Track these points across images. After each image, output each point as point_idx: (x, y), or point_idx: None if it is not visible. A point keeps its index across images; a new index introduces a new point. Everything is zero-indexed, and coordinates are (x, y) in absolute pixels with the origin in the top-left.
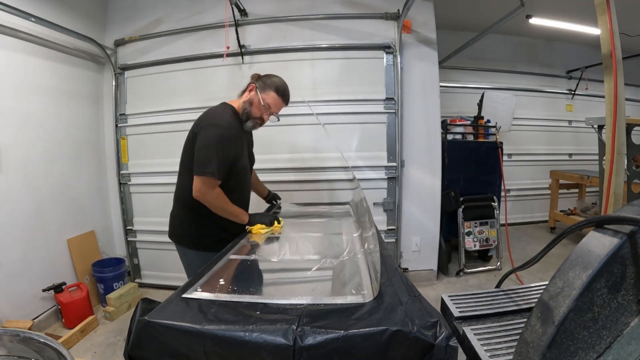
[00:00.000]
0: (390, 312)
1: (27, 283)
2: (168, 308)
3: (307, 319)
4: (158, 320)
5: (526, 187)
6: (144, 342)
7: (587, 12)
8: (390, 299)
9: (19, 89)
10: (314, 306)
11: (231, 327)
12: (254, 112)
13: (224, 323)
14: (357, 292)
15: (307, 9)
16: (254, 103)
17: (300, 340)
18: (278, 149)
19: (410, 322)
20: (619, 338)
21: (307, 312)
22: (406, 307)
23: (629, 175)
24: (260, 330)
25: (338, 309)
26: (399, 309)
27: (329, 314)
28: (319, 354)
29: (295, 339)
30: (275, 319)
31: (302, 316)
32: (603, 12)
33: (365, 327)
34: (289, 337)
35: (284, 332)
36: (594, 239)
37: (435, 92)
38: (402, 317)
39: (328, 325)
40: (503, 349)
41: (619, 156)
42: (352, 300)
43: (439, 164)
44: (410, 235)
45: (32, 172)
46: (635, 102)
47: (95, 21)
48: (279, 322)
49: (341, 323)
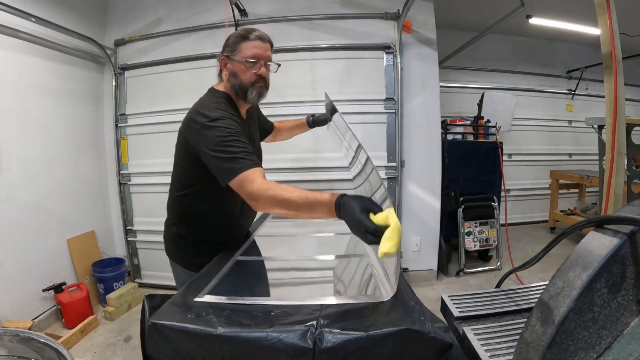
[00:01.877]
0: (407, 313)
1: (27, 283)
2: (178, 311)
3: (325, 320)
4: (170, 323)
5: (526, 187)
6: (158, 345)
7: (587, 12)
8: (404, 299)
9: (19, 89)
10: (330, 307)
11: (248, 330)
12: (245, 78)
13: (240, 326)
14: (373, 292)
15: (307, 9)
16: (238, 70)
17: (319, 342)
18: (278, 149)
19: (428, 323)
20: (619, 338)
21: (325, 314)
22: (421, 307)
23: (629, 175)
24: (279, 332)
25: (354, 308)
26: (415, 309)
27: (346, 314)
28: (338, 356)
29: (314, 341)
30: (293, 321)
31: (319, 317)
32: (603, 12)
33: (384, 327)
34: (308, 339)
35: (302, 334)
36: (594, 239)
37: (435, 92)
38: (419, 317)
39: (347, 326)
40: (503, 349)
41: (619, 156)
42: (369, 300)
43: (439, 164)
44: (410, 235)
45: (32, 172)
46: (635, 102)
47: (95, 21)
48: (297, 323)
49: (360, 323)
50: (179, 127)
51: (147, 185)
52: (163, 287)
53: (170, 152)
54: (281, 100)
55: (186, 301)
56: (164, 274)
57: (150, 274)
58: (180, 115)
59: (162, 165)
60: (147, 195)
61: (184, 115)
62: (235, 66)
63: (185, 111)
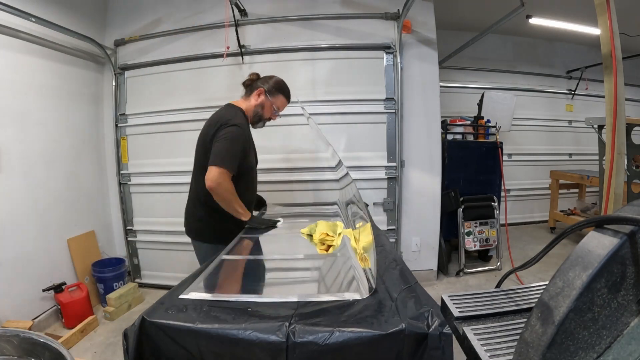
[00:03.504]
0: (381, 310)
1: (27, 283)
2: (162, 307)
3: (299, 316)
4: (154, 320)
5: (526, 187)
6: (142, 342)
7: (587, 12)
8: (382, 294)
9: (19, 89)
10: (306, 304)
11: (224, 326)
12: (265, 114)
13: (218, 321)
14: (352, 289)
15: (307, 9)
16: (266, 107)
17: (292, 336)
18: (274, 149)
19: (400, 318)
20: (619, 338)
21: (300, 312)
22: (397, 302)
23: (629, 175)
24: (254, 328)
25: (331, 306)
26: (388, 306)
27: (321, 311)
28: (311, 349)
29: (288, 335)
30: (268, 315)
31: (294, 315)
32: (603, 12)
33: (356, 325)
34: (282, 334)
35: (277, 329)
36: (594, 239)
37: (435, 92)
38: (392, 316)
39: (320, 322)
40: (503, 349)
41: (619, 156)
42: (346, 297)
43: (439, 164)
44: (410, 235)
45: (32, 172)
46: (635, 102)
47: (95, 21)
48: (272, 319)
49: (333, 320)
50: (181, 127)
51: (147, 185)
52: (163, 287)
53: (170, 152)
54: None
55: (172, 300)
56: (164, 274)
57: (150, 273)
58: (180, 115)
59: (162, 165)
60: (147, 195)
61: (184, 116)
62: (266, 103)
63: (185, 111)
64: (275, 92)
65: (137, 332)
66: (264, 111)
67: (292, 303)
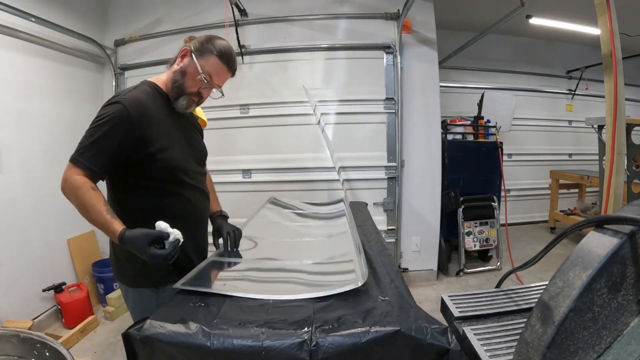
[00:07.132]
0: (402, 315)
1: (27, 283)
2: (168, 320)
3: (318, 324)
4: (159, 332)
5: (526, 187)
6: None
7: (587, 12)
8: (399, 301)
9: (19, 89)
10: (320, 310)
11: (241, 342)
12: (189, 84)
13: (231, 337)
14: (348, 280)
15: (307, 9)
16: (189, 72)
17: (316, 353)
18: (273, 149)
19: (424, 325)
20: (619, 338)
21: (318, 318)
22: (416, 310)
23: (629, 175)
24: (275, 338)
25: (348, 313)
26: (411, 312)
27: (340, 319)
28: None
29: (311, 353)
30: (285, 324)
31: (312, 321)
32: (603, 12)
33: (381, 328)
34: (303, 348)
35: (299, 345)
36: (594, 239)
37: (435, 92)
38: (415, 320)
39: (342, 329)
40: (503, 349)
41: (619, 156)
42: (345, 286)
43: (439, 164)
44: (410, 235)
45: (32, 172)
46: (635, 102)
47: (95, 21)
48: (291, 327)
49: (355, 327)
50: None
51: None
52: None
53: None
54: (281, 101)
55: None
56: None
57: None
58: None
59: None
60: None
61: None
62: (191, 66)
63: None
64: (206, 52)
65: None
66: (186, 79)
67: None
